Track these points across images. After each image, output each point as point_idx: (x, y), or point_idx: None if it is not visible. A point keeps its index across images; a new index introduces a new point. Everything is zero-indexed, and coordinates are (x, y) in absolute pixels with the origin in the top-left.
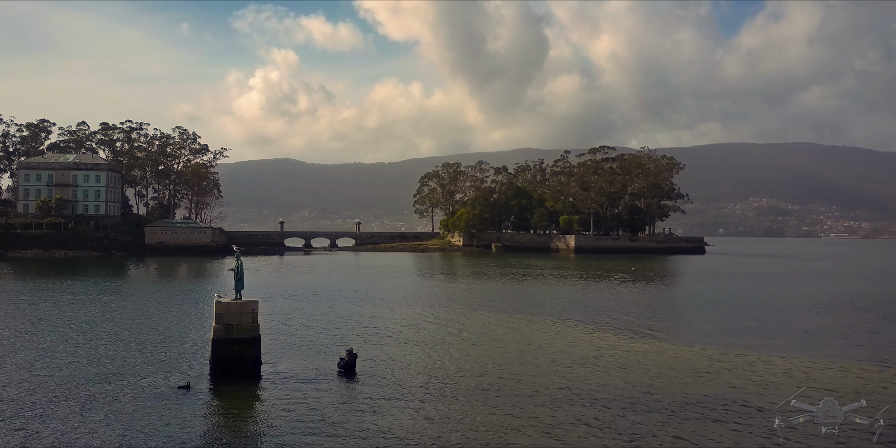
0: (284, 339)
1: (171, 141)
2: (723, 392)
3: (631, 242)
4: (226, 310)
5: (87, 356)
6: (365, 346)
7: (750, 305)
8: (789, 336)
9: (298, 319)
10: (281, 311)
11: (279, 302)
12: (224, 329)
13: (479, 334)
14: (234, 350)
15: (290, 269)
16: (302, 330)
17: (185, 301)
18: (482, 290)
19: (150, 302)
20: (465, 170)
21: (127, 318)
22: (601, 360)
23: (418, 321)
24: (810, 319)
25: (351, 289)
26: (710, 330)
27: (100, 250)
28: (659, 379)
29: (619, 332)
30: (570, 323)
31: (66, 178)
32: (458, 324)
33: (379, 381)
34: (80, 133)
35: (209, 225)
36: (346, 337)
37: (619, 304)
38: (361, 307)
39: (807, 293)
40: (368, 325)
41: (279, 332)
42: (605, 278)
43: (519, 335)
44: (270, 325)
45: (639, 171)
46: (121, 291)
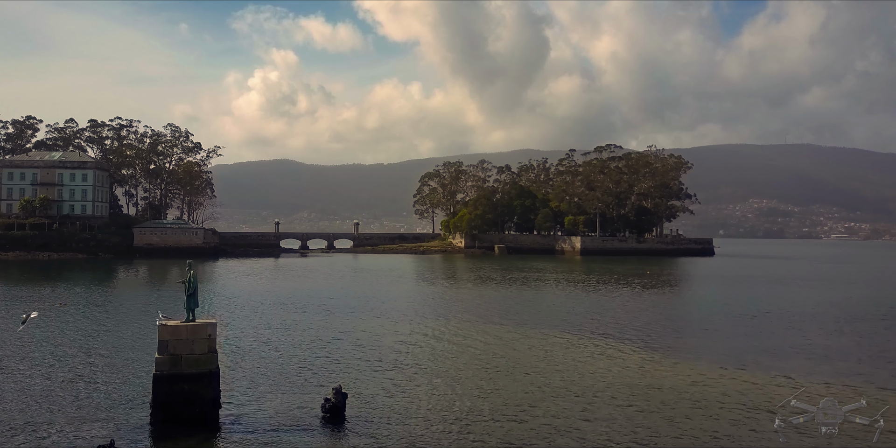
0: (255, 371)
1: (162, 139)
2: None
3: (639, 244)
4: (172, 335)
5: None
6: (359, 379)
7: (782, 316)
8: (842, 357)
9: (278, 340)
10: (259, 326)
11: (262, 314)
12: (170, 361)
13: (494, 359)
14: (184, 389)
15: (284, 273)
16: (280, 356)
17: (154, 314)
18: (491, 299)
19: (113, 314)
20: (467, 169)
21: (73, 338)
22: (638, 398)
23: (422, 340)
24: (854, 335)
25: (346, 296)
26: (753, 348)
27: (86, 252)
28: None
29: (656, 352)
30: (597, 342)
31: (52, 176)
32: (468, 344)
33: (374, 430)
34: (68, 130)
35: (201, 226)
36: (336, 365)
37: (647, 315)
38: (357, 321)
39: (835, 300)
40: (365, 344)
41: (250, 359)
42: (622, 283)
43: (541, 360)
44: (240, 349)
45: (646, 171)
46: (89, 300)
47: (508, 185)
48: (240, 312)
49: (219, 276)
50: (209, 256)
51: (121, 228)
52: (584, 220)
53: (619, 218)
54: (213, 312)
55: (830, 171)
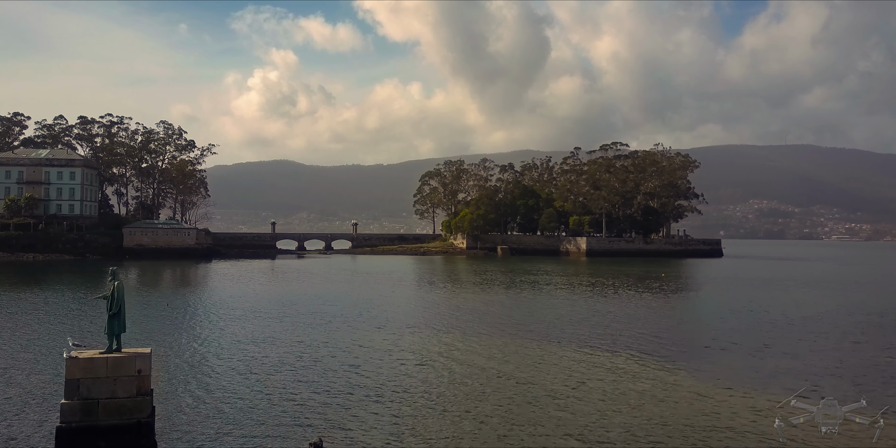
0: (211, 415)
1: (154, 136)
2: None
3: (646, 245)
4: (85, 372)
5: None
6: (354, 414)
7: (826, 324)
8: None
9: (255, 362)
10: (235, 342)
11: (243, 326)
12: (81, 409)
13: (519, 386)
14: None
15: (278, 276)
16: (251, 388)
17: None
18: (501, 307)
19: (63, 332)
20: (469, 168)
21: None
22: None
23: (430, 359)
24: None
25: (342, 303)
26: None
27: (73, 253)
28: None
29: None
30: (627, 360)
31: (38, 175)
32: (484, 365)
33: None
34: (57, 128)
35: (194, 226)
36: (324, 396)
37: (684, 327)
38: (353, 333)
39: (864, 306)
40: (362, 364)
41: (206, 397)
42: (640, 288)
43: (574, 389)
44: (197, 381)
45: (653, 170)
46: (52, 310)
47: (511, 185)
48: (217, 324)
49: (208, 280)
50: (201, 258)
51: (110, 229)
52: (590, 220)
53: (625, 218)
54: (187, 324)
55: (831, 171)
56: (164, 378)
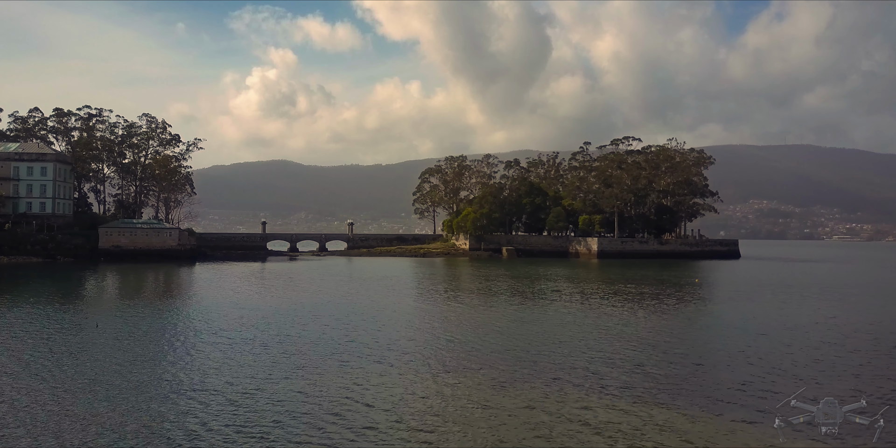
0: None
1: (136, 130)
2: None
3: (660, 246)
4: None
5: None
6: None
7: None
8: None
9: (207, 434)
10: (186, 392)
11: (206, 358)
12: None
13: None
14: None
15: (265, 283)
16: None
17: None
18: (518, 325)
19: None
20: (471, 164)
21: None
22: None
23: (443, 408)
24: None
25: (334, 322)
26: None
27: (42, 255)
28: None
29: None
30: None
31: (6, 170)
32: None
33: None
34: (31, 120)
35: (176, 226)
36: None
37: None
38: (346, 371)
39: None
40: (355, 425)
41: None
42: (678, 298)
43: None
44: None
45: (667, 166)
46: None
47: (517, 182)
48: (172, 355)
49: (183, 288)
50: (184, 260)
51: (85, 229)
52: (601, 219)
53: (637, 217)
54: (102, 357)
55: (832, 171)
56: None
